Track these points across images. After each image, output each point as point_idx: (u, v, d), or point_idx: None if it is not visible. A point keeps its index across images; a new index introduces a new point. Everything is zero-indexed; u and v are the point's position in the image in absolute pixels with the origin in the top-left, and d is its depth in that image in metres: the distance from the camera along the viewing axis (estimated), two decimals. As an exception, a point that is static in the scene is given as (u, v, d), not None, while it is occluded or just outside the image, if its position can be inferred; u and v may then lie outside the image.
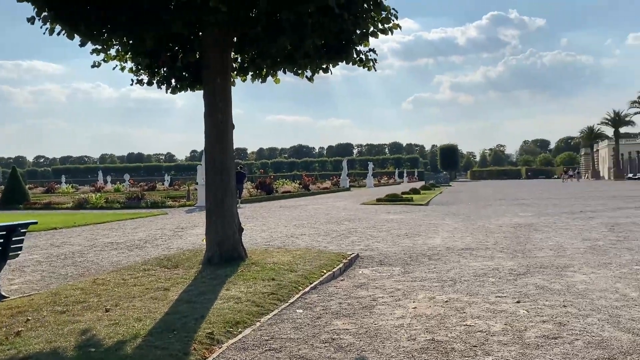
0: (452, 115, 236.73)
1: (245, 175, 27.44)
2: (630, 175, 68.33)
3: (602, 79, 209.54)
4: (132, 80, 8.55)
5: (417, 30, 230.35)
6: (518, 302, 5.72)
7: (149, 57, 8.15)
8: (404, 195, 27.28)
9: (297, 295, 6.10)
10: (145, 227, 15.04)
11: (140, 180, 71.99)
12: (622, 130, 72.17)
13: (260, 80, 8.74)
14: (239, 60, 8.81)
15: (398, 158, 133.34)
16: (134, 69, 8.50)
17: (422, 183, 56.90)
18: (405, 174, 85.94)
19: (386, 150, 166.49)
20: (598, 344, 4.29)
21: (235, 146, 8.42)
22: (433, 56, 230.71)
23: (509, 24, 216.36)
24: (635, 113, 60.99)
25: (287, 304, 5.77)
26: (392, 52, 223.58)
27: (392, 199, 25.46)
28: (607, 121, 72.14)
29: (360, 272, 7.74)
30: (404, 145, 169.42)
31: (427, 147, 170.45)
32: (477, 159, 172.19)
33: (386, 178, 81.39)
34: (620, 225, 12.76)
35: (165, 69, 8.45)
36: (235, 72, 8.80)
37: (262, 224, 15.06)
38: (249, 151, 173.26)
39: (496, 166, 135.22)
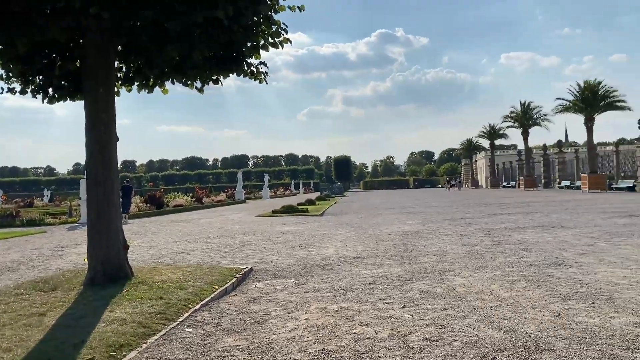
0: (345, 127, 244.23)
1: (132, 189, 26.24)
2: (504, 183, 74.48)
3: (479, 95, 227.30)
4: (2, 89, 7.86)
5: (310, 44, 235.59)
6: (404, 307, 5.98)
7: (22, 64, 7.55)
8: (299, 207, 27.58)
9: (186, 314, 5.91)
10: (19, 247, 13.82)
11: (16, 196, 66.31)
12: (497, 142, 78.53)
13: (147, 90, 8.43)
14: (123, 69, 8.44)
15: (294, 169, 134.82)
16: (4, 76, 7.82)
17: (318, 194, 57.89)
18: (301, 185, 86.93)
19: (282, 161, 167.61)
20: (474, 343, 4.60)
21: (122, 158, 8.05)
22: (326, 70, 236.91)
23: (395, 42, 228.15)
24: (508, 127, 66.46)
25: (176, 323, 5.57)
26: (286, 65, 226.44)
27: (288, 210, 25.63)
28: (483, 134, 78.08)
29: (254, 286, 7.68)
30: (300, 156, 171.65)
31: (322, 159, 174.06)
32: (369, 169, 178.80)
33: (282, 189, 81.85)
34: (495, 231, 13.83)
35: (41, 77, 7.88)
36: (119, 82, 8.41)
37: (150, 240, 14.44)
38: (137, 163, 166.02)
39: (387, 176, 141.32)
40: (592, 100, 43.76)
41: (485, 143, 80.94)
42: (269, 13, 7.53)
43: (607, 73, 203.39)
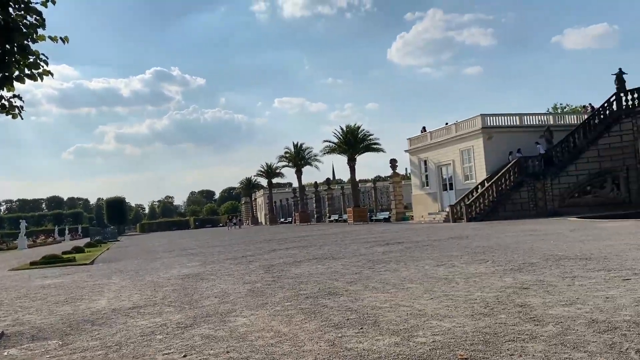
0: (119, 166, 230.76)
1: None
2: (282, 219, 78.30)
3: (256, 135, 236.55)
4: None
5: (77, 78, 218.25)
6: (185, 356, 5.72)
7: None
8: (65, 256, 24.80)
9: None
10: None
11: None
12: (275, 180, 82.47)
13: None
14: None
15: (58, 214, 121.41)
16: None
17: (88, 240, 53.01)
18: (67, 231, 78.70)
19: (43, 205, 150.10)
20: (257, 384, 4.59)
21: None
22: (96, 106, 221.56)
23: (172, 81, 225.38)
24: (284, 166, 70.55)
25: None
26: (48, 99, 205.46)
27: (51, 260, 22.82)
28: (262, 173, 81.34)
29: (5, 353, 6.55)
30: (65, 199, 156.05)
31: (93, 201, 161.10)
32: (147, 211, 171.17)
33: (44, 237, 73.02)
34: (275, 266, 14.31)
35: None
36: None
37: None
38: None
39: (166, 217, 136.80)
40: (353, 143, 49.16)
41: (264, 181, 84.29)
42: (25, 42, 6.74)
43: (364, 119, 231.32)
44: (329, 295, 8.93)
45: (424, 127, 45.02)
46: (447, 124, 41.42)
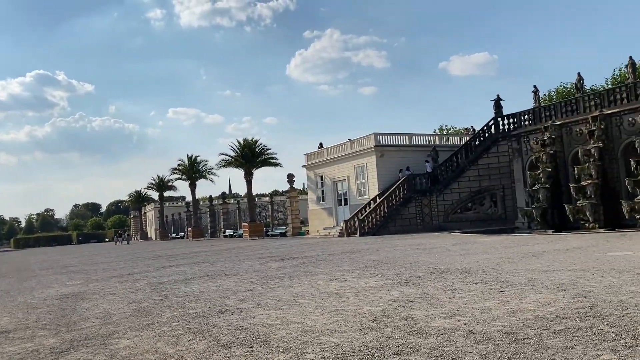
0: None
1: None
2: (174, 234, 75.59)
3: (148, 146, 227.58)
4: None
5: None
6: (57, 385, 5.26)
7: None
8: None
9: None
10: None
11: None
12: (167, 194, 79.69)
13: None
14: None
15: None
16: None
17: (-50, 257, 47.61)
18: None
19: None
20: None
21: None
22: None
23: (56, 85, 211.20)
24: (176, 179, 68.27)
25: None
26: None
27: None
28: (152, 186, 78.06)
29: None
30: None
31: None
32: (23, 225, 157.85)
33: None
34: (163, 284, 13.71)
35: None
36: None
37: None
38: None
39: (45, 232, 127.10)
40: (250, 157, 48.84)
41: (155, 194, 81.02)
42: None
43: (262, 133, 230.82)
44: (220, 313, 8.70)
45: (320, 144, 45.89)
46: (349, 139, 42.30)
